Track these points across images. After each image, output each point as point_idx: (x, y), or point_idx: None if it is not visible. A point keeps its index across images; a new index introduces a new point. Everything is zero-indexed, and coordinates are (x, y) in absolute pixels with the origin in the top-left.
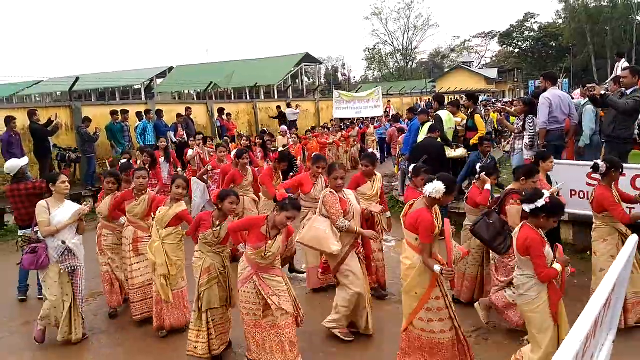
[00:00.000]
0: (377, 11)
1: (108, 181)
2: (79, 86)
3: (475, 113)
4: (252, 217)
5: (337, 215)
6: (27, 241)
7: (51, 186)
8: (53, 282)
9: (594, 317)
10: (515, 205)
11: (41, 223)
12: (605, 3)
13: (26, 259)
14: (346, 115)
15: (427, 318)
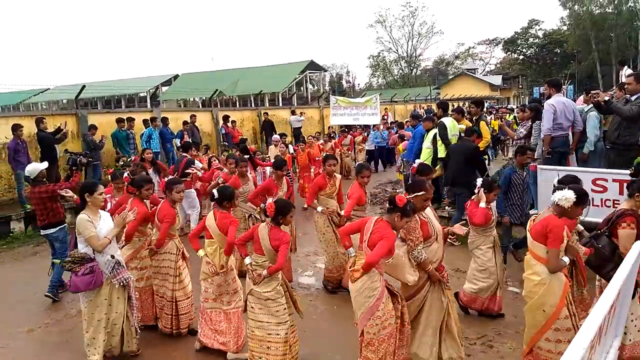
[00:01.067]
0: (381, 19)
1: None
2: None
3: (481, 120)
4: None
5: (416, 243)
6: (80, 261)
7: (87, 196)
8: (103, 300)
9: (599, 323)
10: (627, 230)
11: (92, 238)
12: (609, 10)
13: (82, 280)
14: (343, 122)
15: (555, 339)
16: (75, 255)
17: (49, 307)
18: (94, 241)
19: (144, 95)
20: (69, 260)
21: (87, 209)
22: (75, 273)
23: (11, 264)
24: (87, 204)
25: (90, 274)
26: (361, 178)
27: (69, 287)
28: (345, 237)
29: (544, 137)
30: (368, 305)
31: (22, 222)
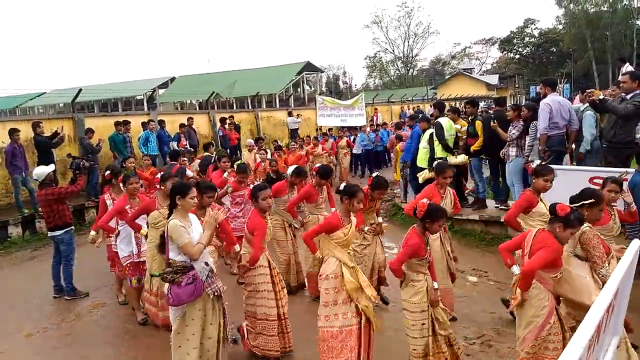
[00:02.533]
0: (377, 19)
1: None
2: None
3: (476, 119)
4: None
5: (603, 260)
6: (182, 270)
7: (178, 199)
8: (197, 311)
9: (597, 322)
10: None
11: (187, 245)
12: (605, 8)
13: (185, 291)
14: (330, 123)
15: None
16: (176, 265)
17: (47, 311)
18: (190, 248)
19: (141, 98)
20: (170, 271)
21: (176, 213)
22: (178, 284)
23: (9, 268)
24: (176, 208)
25: (192, 284)
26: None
27: (171, 300)
28: (504, 253)
29: (540, 136)
30: (536, 324)
31: (20, 227)
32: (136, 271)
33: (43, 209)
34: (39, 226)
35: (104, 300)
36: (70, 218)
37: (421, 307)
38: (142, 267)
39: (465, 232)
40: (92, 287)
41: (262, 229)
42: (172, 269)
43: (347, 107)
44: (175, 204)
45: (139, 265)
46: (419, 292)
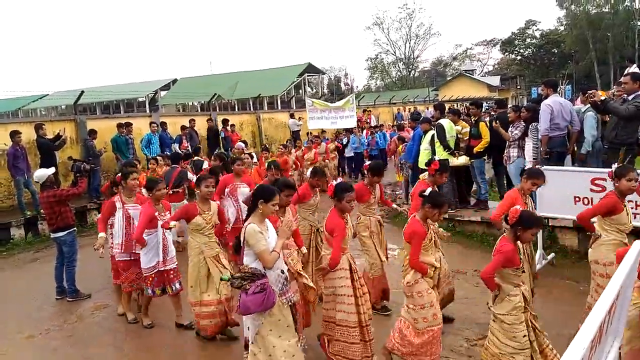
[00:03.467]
0: (378, 21)
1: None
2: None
3: (480, 121)
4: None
5: None
6: (250, 277)
7: (261, 204)
8: (277, 321)
9: (598, 323)
10: None
11: (264, 252)
12: (606, 9)
13: (253, 300)
14: (321, 126)
15: None
16: (245, 271)
17: (49, 313)
18: (266, 256)
19: (143, 100)
20: (238, 277)
21: (254, 217)
22: (245, 291)
23: (11, 270)
24: (254, 212)
25: (261, 293)
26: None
27: (238, 308)
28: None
29: (541, 137)
30: None
31: (22, 229)
32: (160, 281)
33: (45, 210)
34: (42, 228)
35: (106, 302)
36: (72, 220)
37: (519, 318)
38: (167, 276)
39: (466, 233)
40: (94, 289)
41: (342, 230)
42: (240, 275)
43: (337, 109)
44: (256, 207)
45: (164, 274)
46: (518, 307)
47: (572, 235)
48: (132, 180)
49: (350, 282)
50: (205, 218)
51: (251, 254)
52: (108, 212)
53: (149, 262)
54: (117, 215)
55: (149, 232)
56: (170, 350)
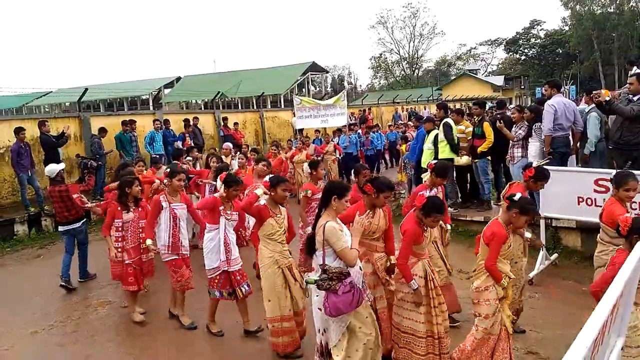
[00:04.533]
0: (382, 20)
1: None
2: (88, 97)
3: (484, 120)
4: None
5: None
6: (338, 277)
7: (334, 200)
8: (364, 318)
9: (601, 322)
10: None
11: (346, 250)
12: (611, 10)
13: (343, 301)
14: (310, 125)
15: None
16: (332, 271)
17: (52, 309)
18: (348, 253)
19: (147, 97)
20: (326, 278)
21: (328, 215)
22: (335, 292)
23: (15, 266)
24: (327, 209)
25: (350, 292)
26: None
27: (328, 310)
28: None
29: (544, 137)
30: None
31: (26, 225)
32: (227, 283)
33: (55, 204)
34: (45, 224)
35: (109, 298)
36: (83, 211)
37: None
38: (234, 278)
39: (470, 233)
40: (97, 287)
41: (414, 232)
42: (327, 276)
43: (327, 107)
44: (328, 204)
45: (230, 276)
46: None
47: (575, 236)
48: (179, 181)
49: (425, 290)
50: (278, 221)
51: (332, 253)
52: (156, 211)
53: (211, 262)
54: (164, 215)
55: (210, 229)
56: (174, 348)
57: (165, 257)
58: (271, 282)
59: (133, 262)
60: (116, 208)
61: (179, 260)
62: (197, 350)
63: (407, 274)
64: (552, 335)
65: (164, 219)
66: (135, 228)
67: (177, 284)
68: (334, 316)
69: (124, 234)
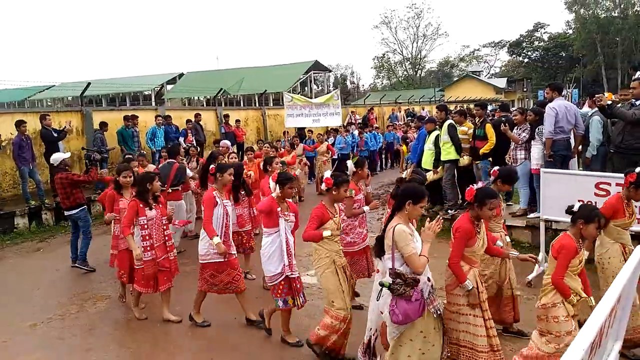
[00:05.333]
0: (386, 20)
1: None
2: (90, 91)
3: (486, 122)
4: None
5: None
6: (412, 284)
7: (408, 205)
8: (418, 332)
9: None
10: None
11: (414, 257)
12: (615, 13)
13: (413, 308)
14: (301, 124)
15: None
16: (406, 277)
17: (52, 302)
18: (416, 260)
19: (149, 93)
20: (401, 283)
21: (399, 218)
22: (407, 299)
23: (15, 259)
24: (400, 213)
25: (419, 300)
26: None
27: (395, 316)
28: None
29: (545, 140)
30: None
31: (26, 218)
32: (290, 290)
33: (58, 190)
34: (45, 218)
35: (108, 292)
36: (83, 199)
37: None
38: (294, 285)
39: None
40: (96, 280)
41: (468, 232)
42: (402, 281)
43: (319, 106)
44: (402, 207)
45: (292, 282)
46: None
47: None
48: (229, 175)
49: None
50: (335, 221)
51: (400, 257)
52: (212, 206)
53: (273, 268)
54: (217, 211)
55: (269, 232)
56: (171, 342)
57: (211, 258)
58: (334, 281)
59: (160, 262)
60: (138, 205)
61: (224, 264)
62: (196, 346)
63: (460, 273)
64: None
65: (216, 216)
66: (160, 225)
67: (206, 284)
68: (401, 323)
69: (150, 231)
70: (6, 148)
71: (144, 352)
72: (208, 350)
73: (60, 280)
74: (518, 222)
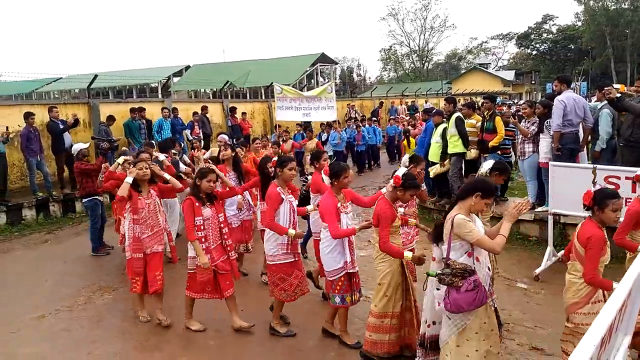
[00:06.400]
0: (393, 12)
1: None
2: (97, 84)
3: (495, 115)
4: None
5: None
6: (462, 273)
7: (475, 197)
8: (482, 323)
9: (609, 321)
10: None
11: (483, 240)
12: (625, 5)
13: (464, 298)
14: (291, 117)
15: None
16: (455, 267)
17: (59, 294)
18: (487, 242)
19: (155, 85)
20: (448, 272)
21: (459, 209)
22: (457, 289)
23: (23, 251)
24: (463, 204)
25: (473, 291)
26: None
27: (448, 305)
28: None
29: (553, 133)
30: None
31: (34, 210)
32: (350, 286)
33: (76, 178)
34: (53, 210)
35: (114, 285)
36: (93, 189)
37: None
38: (354, 280)
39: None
40: (104, 272)
41: (601, 241)
42: (450, 271)
43: (311, 99)
44: (466, 198)
45: (352, 278)
46: None
47: None
48: (290, 170)
49: None
50: (399, 217)
51: (459, 248)
52: (276, 204)
53: (335, 262)
54: (283, 208)
55: (325, 228)
56: (178, 336)
57: (282, 258)
58: (396, 279)
59: (218, 264)
60: (193, 203)
61: (293, 264)
62: (203, 341)
63: (607, 284)
64: (557, 332)
65: (282, 213)
66: (216, 225)
67: (283, 293)
68: (454, 312)
69: (206, 233)
70: (14, 140)
71: (150, 345)
72: (219, 346)
73: (68, 272)
74: (526, 215)
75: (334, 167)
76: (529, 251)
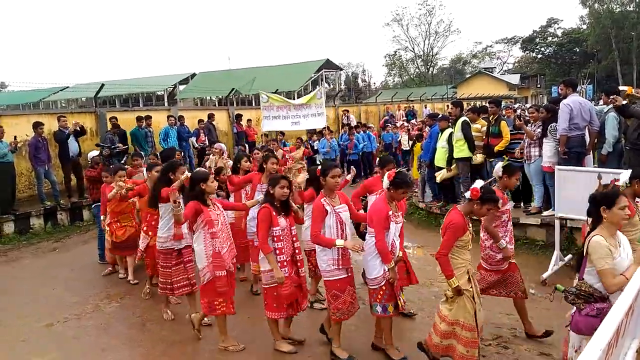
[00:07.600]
0: (398, 17)
1: None
2: (104, 92)
3: (501, 119)
4: None
5: None
6: (585, 297)
7: (603, 212)
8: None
9: (616, 325)
10: None
11: (606, 273)
12: (630, 8)
13: (584, 322)
14: (278, 127)
15: None
16: (582, 288)
17: (67, 302)
18: (609, 277)
19: (162, 93)
20: (573, 292)
21: (601, 229)
22: (579, 310)
23: (31, 259)
24: (602, 223)
25: (596, 318)
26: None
27: (572, 324)
28: None
29: (559, 136)
30: None
31: (42, 219)
32: (392, 294)
33: (86, 185)
34: (61, 218)
35: (122, 293)
36: (95, 196)
37: None
38: (397, 290)
39: None
40: (112, 279)
41: None
42: (575, 291)
43: (299, 107)
44: (598, 216)
45: (393, 287)
46: None
47: None
48: (333, 177)
49: None
50: (470, 232)
51: (594, 272)
52: (320, 216)
53: (377, 271)
54: (329, 220)
55: (371, 234)
56: (184, 344)
57: (333, 274)
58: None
59: (292, 279)
60: (270, 213)
61: (347, 280)
62: (210, 348)
63: None
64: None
65: (329, 226)
66: (290, 237)
67: (337, 312)
68: (574, 331)
69: (283, 244)
70: (22, 149)
71: (156, 351)
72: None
73: (76, 280)
74: (532, 220)
75: (323, 165)
76: (535, 256)
